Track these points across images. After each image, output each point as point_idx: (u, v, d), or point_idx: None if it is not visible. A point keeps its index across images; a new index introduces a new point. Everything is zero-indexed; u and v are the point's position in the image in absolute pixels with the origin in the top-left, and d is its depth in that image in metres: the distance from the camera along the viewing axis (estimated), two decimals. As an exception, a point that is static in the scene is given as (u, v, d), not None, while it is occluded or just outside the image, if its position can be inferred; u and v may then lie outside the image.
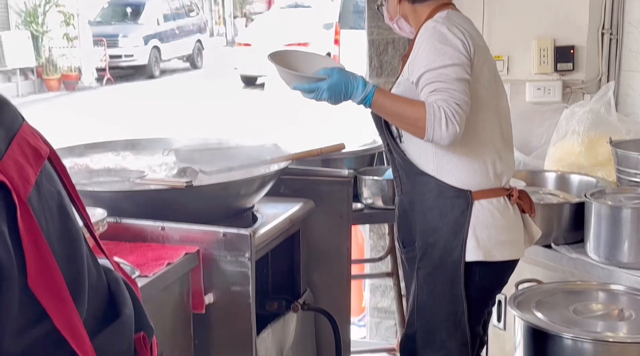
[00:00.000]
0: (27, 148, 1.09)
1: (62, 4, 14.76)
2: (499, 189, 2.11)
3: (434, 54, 1.97)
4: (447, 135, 1.91)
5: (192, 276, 1.93)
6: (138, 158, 2.48)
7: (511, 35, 3.21)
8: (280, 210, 2.33)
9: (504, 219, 2.10)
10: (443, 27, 2.00)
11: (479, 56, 2.02)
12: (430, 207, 2.10)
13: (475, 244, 2.07)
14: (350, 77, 2.02)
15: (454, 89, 1.92)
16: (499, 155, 2.10)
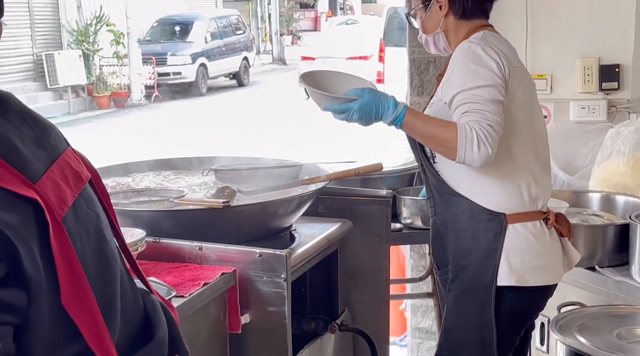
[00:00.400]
0: (68, 171, 1.12)
1: (112, 22, 15.10)
2: (534, 213, 2.07)
3: (468, 74, 1.94)
4: (479, 157, 1.87)
5: (229, 296, 1.94)
6: (179, 177, 2.51)
7: (555, 54, 3.18)
8: (318, 230, 2.34)
9: (539, 244, 2.06)
10: (478, 47, 1.98)
11: (513, 77, 2.00)
12: (463, 229, 2.07)
13: (508, 269, 2.03)
14: (381, 98, 1.99)
15: (486, 110, 1.89)
16: (534, 177, 2.06)
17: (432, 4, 2.11)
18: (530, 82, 2.10)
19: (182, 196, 2.21)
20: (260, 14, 25.88)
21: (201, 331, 1.89)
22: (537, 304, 2.16)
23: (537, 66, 3.18)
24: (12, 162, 1.00)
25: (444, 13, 2.10)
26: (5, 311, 0.95)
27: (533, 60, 3.17)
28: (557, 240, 2.13)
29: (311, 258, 2.22)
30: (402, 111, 1.97)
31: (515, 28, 3.16)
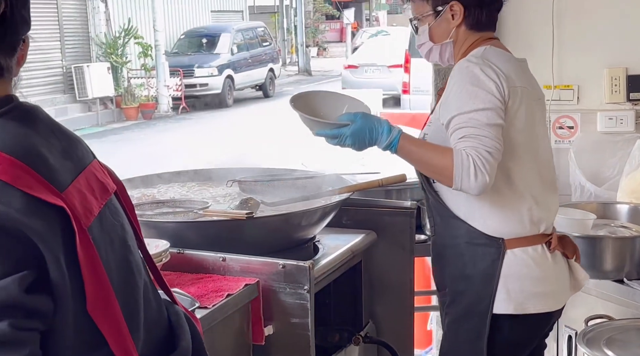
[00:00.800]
0: (94, 182, 1.15)
1: (140, 35, 15.27)
2: (535, 236, 1.98)
3: (465, 96, 1.86)
4: (476, 186, 1.79)
5: (252, 308, 1.94)
6: (203, 189, 2.53)
7: (582, 64, 3.15)
8: (342, 242, 2.33)
9: (540, 269, 1.97)
10: (476, 67, 1.88)
11: (514, 98, 1.90)
12: (461, 253, 1.99)
13: (506, 296, 1.94)
14: (375, 122, 1.92)
15: (484, 135, 1.80)
16: (537, 200, 1.97)
17: (445, 12, 2.00)
18: (534, 100, 2.00)
19: (206, 207, 2.22)
20: (286, 26, 26.03)
21: (225, 342, 1.89)
22: (536, 331, 2.06)
23: (563, 77, 3.16)
24: (39, 170, 1.02)
25: (456, 23, 2.01)
26: (33, 317, 0.97)
27: (560, 70, 3.14)
28: (562, 263, 2.05)
29: (335, 270, 2.21)
30: (396, 136, 1.90)
31: (541, 38, 3.14)
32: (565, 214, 2.63)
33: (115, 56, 14.92)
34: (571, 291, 2.10)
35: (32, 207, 0.98)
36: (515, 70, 1.95)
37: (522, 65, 2.03)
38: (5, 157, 1.00)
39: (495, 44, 2.02)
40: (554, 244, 2.00)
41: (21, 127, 1.07)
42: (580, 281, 2.12)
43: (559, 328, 2.80)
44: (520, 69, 1.99)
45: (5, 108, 1.08)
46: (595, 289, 2.60)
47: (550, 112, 3.17)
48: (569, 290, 2.08)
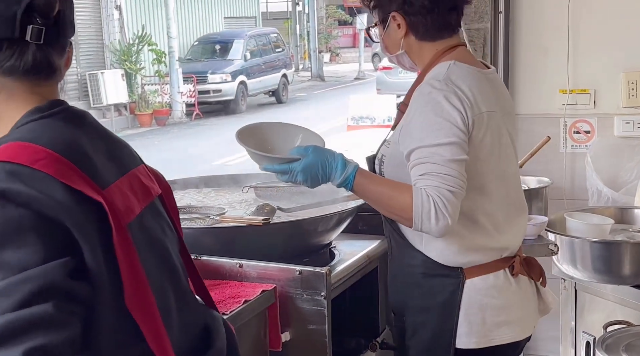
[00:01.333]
0: (137, 185, 1.20)
1: (154, 42, 15.35)
2: (496, 262, 1.85)
3: (428, 127, 1.71)
4: (437, 229, 1.65)
5: (269, 314, 1.94)
6: (220, 195, 2.53)
7: (597, 68, 3.13)
8: (358, 247, 2.33)
9: (503, 297, 1.84)
10: (439, 95, 1.72)
11: (479, 128, 1.75)
12: (418, 283, 1.87)
13: (468, 329, 1.82)
14: (328, 156, 1.78)
15: (447, 174, 1.66)
16: (500, 228, 1.85)
17: (390, 22, 1.87)
18: (501, 120, 1.83)
19: (223, 213, 2.22)
20: (299, 32, 26.09)
21: (242, 349, 1.87)
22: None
23: (579, 81, 3.15)
24: (83, 168, 1.07)
25: (402, 33, 1.86)
26: (75, 301, 1.00)
27: (575, 74, 3.13)
28: (527, 287, 1.92)
29: (351, 276, 2.20)
30: (351, 172, 1.76)
31: (556, 43, 3.13)
32: (582, 219, 2.61)
33: (129, 63, 15.00)
34: (539, 315, 1.98)
35: (72, 199, 1.02)
36: (481, 91, 1.79)
37: (488, 79, 1.85)
38: (51, 152, 1.04)
39: (460, 55, 1.85)
40: (517, 269, 1.87)
41: (68, 128, 1.12)
42: (548, 305, 1.99)
43: (576, 334, 2.78)
44: (487, 85, 1.83)
45: (55, 110, 1.13)
46: (614, 294, 2.58)
47: (566, 117, 3.16)
48: (536, 313, 1.96)
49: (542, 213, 2.79)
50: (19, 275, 0.95)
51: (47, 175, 1.02)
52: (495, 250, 1.85)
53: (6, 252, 0.96)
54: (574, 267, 2.56)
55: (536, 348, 3.32)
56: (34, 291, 0.95)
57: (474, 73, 1.81)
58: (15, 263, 0.96)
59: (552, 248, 2.52)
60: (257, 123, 2.02)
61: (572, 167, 3.18)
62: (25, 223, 0.98)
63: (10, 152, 1.03)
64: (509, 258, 1.88)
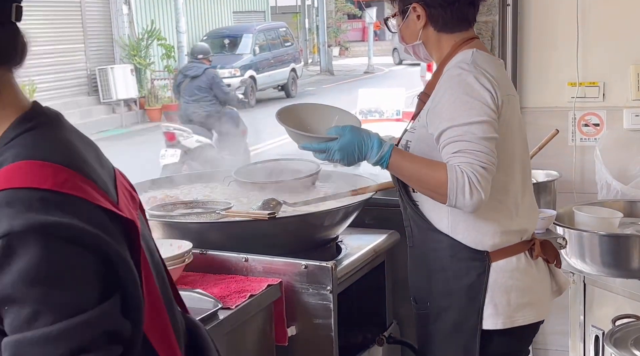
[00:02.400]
0: (125, 191, 1.09)
1: (163, 37, 15.35)
2: (517, 245, 1.91)
3: (460, 107, 1.76)
4: (471, 204, 1.71)
5: (275, 308, 1.94)
6: (225, 189, 2.53)
7: (607, 60, 3.11)
8: (365, 242, 2.32)
9: (526, 279, 1.90)
10: (469, 76, 1.79)
11: (506, 107, 1.83)
12: (443, 267, 1.91)
13: (494, 311, 1.87)
14: (365, 136, 1.83)
15: (480, 151, 1.71)
16: (519, 210, 1.91)
17: (410, 13, 1.94)
18: (518, 108, 1.95)
19: (229, 208, 2.22)
20: (308, 26, 26.04)
21: (248, 343, 1.89)
22: (525, 342, 2.01)
23: (588, 73, 3.12)
24: (97, 182, 0.97)
25: (422, 24, 1.93)
26: (120, 342, 0.93)
27: (584, 67, 3.11)
28: (544, 269, 1.99)
29: (358, 270, 2.20)
30: (387, 151, 1.81)
31: (565, 35, 3.11)
32: (591, 212, 2.60)
33: (138, 58, 15.01)
34: (553, 297, 2.04)
35: (106, 223, 0.94)
36: (503, 77, 1.90)
37: (503, 67, 1.98)
38: (70, 171, 0.94)
39: (479, 46, 1.93)
40: (537, 251, 1.93)
41: (60, 135, 1.01)
42: (561, 286, 2.05)
43: (585, 328, 2.76)
44: (504, 72, 1.95)
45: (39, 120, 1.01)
46: (623, 288, 2.57)
47: (575, 110, 3.14)
48: (551, 295, 2.02)
49: (551, 206, 2.77)
50: (75, 319, 0.87)
51: (79, 199, 0.92)
52: (515, 233, 1.91)
53: (56, 292, 0.87)
54: (583, 261, 2.55)
55: (545, 342, 3.30)
56: (95, 337, 0.88)
57: (495, 61, 1.93)
58: (68, 304, 0.88)
59: (561, 241, 2.51)
60: (294, 105, 2.09)
61: (581, 160, 3.16)
62: (74, 260, 0.89)
63: (32, 175, 0.91)
64: (527, 241, 1.94)
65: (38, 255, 0.87)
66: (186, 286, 1.91)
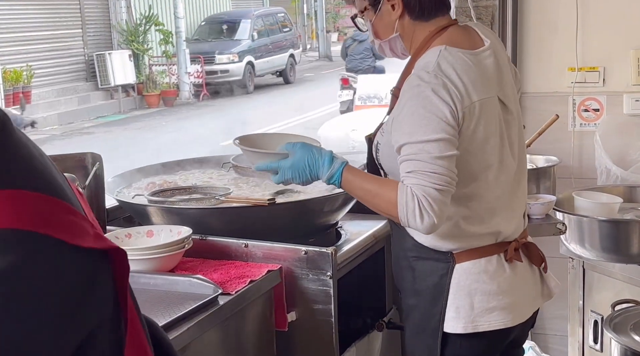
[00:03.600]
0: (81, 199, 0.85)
1: (161, 22, 15.30)
2: (490, 247, 1.81)
3: (416, 122, 1.67)
4: (423, 227, 1.64)
5: (275, 294, 1.94)
6: (223, 175, 2.52)
7: (607, 45, 3.10)
8: (365, 227, 2.32)
9: (494, 283, 1.80)
10: (427, 89, 1.67)
11: (469, 119, 1.71)
12: (410, 266, 1.86)
13: (455, 314, 1.79)
14: (316, 153, 1.78)
15: (433, 171, 1.63)
16: (494, 213, 1.81)
17: (383, 3, 1.82)
18: (495, 108, 1.77)
19: (228, 193, 2.21)
20: (307, 11, 25.94)
21: (248, 328, 1.89)
22: (492, 348, 1.88)
23: (588, 58, 3.11)
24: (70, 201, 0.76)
25: (398, 14, 1.81)
26: None
27: (584, 52, 3.10)
28: (526, 273, 1.88)
29: (358, 256, 2.20)
30: (338, 169, 1.75)
31: (564, 19, 3.09)
32: (590, 198, 2.60)
33: (136, 43, 14.97)
34: (542, 300, 1.95)
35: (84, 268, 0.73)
36: (472, 78, 1.73)
37: (481, 60, 1.78)
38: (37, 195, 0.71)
39: (452, 36, 1.79)
40: (510, 254, 1.82)
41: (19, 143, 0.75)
42: (552, 290, 1.96)
43: (584, 313, 2.77)
44: (479, 70, 1.76)
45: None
46: (622, 273, 2.57)
47: (574, 95, 3.13)
48: (538, 298, 1.93)
49: (550, 192, 2.77)
50: None
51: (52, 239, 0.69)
52: (488, 235, 1.81)
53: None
54: (582, 246, 2.55)
55: (544, 327, 3.32)
56: None
57: (465, 58, 1.75)
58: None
59: (560, 227, 2.51)
60: (256, 134, 2.11)
61: (580, 146, 3.15)
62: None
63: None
64: (504, 243, 1.84)
65: None
66: (186, 272, 1.91)
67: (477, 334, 1.81)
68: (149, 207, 2.15)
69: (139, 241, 1.99)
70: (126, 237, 2.00)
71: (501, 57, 1.87)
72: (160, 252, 1.88)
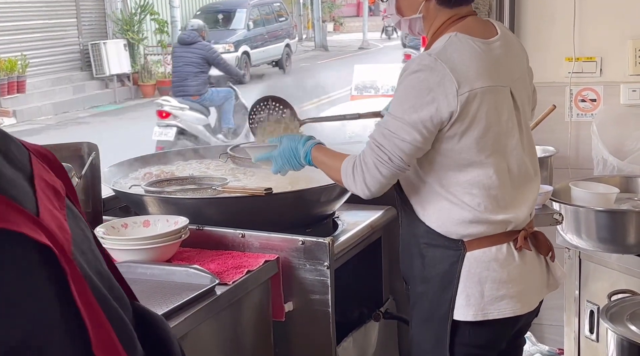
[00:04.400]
0: (48, 189, 0.84)
1: (156, 11, 15.23)
2: (500, 235, 1.82)
3: (397, 98, 1.75)
4: (356, 191, 1.79)
5: (272, 284, 1.94)
6: (219, 165, 2.51)
7: (604, 35, 3.09)
8: (362, 218, 2.32)
9: (505, 271, 1.81)
10: (423, 71, 1.71)
11: (471, 103, 1.72)
12: (420, 253, 1.87)
13: (465, 302, 1.81)
14: (296, 139, 1.93)
15: (383, 146, 1.72)
16: (500, 202, 1.82)
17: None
18: (501, 96, 1.79)
19: (225, 183, 2.21)
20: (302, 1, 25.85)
21: (245, 318, 1.89)
22: (502, 335, 1.90)
23: (585, 48, 3.10)
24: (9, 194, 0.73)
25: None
26: None
27: (581, 42, 3.09)
28: (533, 262, 1.89)
29: (355, 246, 2.20)
30: (309, 147, 1.89)
31: (562, 9, 3.08)
32: (587, 188, 2.59)
33: (131, 33, 14.89)
34: (547, 290, 1.96)
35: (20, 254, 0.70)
36: (480, 65, 1.75)
37: (492, 49, 1.80)
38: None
39: (467, 25, 1.82)
40: (520, 243, 1.84)
41: None
42: (557, 280, 1.98)
43: (580, 303, 2.78)
44: (488, 58, 1.78)
45: None
46: (618, 264, 2.57)
47: (571, 85, 3.12)
48: (544, 288, 1.94)
49: (547, 182, 2.77)
50: None
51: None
52: (498, 224, 1.82)
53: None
54: (579, 236, 2.55)
55: (540, 317, 3.30)
56: None
57: (474, 45, 1.77)
58: None
59: (557, 217, 2.51)
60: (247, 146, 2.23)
61: (577, 136, 3.15)
62: None
63: None
64: (514, 232, 1.85)
65: None
66: (183, 262, 1.90)
67: (486, 322, 1.82)
68: (145, 196, 2.14)
69: (135, 231, 1.99)
70: (122, 226, 2.00)
71: (515, 52, 1.90)
72: (157, 242, 1.87)
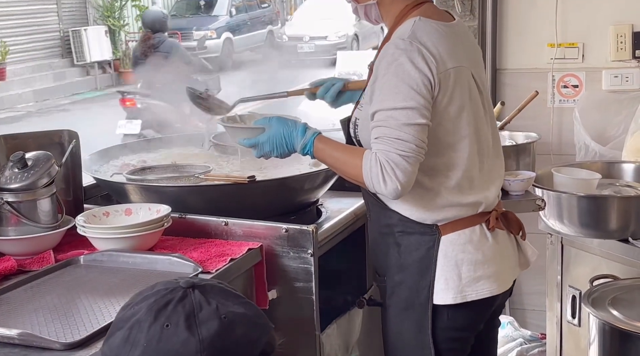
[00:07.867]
0: None
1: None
2: (472, 217, 1.84)
3: (387, 90, 1.71)
4: (388, 192, 1.69)
5: (256, 272, 1.93)
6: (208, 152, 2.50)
7: (586, 21, 3.10)
8: (345, 205, 2.32)
9: (480, 252, 1.84)
10: (402, 55, 1.71)
11: (445, 86, 1.74)
12: (395, 242, 1.88)
13: (444, 285, 1.82)
14: (290, 124, 1.84)
15: (398, 138, 1.67)
16: (473, 184, 1.84)
17: None
18: (468, 76, 1.81)
19: (208, 171, 2.19)
20: (285, -13, 25.71)
21: (228, 307, 1.88)
22: (480, 316, 1.92)
23: (568, 34, 3.11)
24: None
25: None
26: None
27: (563, 27, 3.10)
28: (505, 241, 1.92)
29: (338, 233, 2.20)
30: (310, 138, 1.81)
31: (545, -5, 3.09)
32: (569, 174, 2.61)
33: (112, 19, 14.77)
34: (520, 269, 1.99)
35: None
36: (447, 46, 1.76)
37: (454, 32, 1.83)
38: None
39: (427, 10, 1.83)
40: (492, 223, 1.86)
41: None
42: (528, 259, 2.00)
43: (562, 288, 2.80)
44: (452, 39, 1.80)
45: None
46: (600, 249, 2.59)
47: (554, 71, 3.13)
48: (516, 267, 1.97)
49: (530, 168, 2.78)
50: None
51: None
52: (470, 206, 1.85)
53: None
54: (561, 222, 2.57)
55: (522, 302, 3.35)
56: None
57: (439, 28, 1.79)
58: None
59: (540, 203, 2.52)
60: (241, 114, 2.13)
61: (559, 122, 3.17)
62: None
63: None
64: (485, 213, 1.88)
65: None
66: (165, 250, 1.89)
67: (465, 304, 1.84)
68: (127, 185, 2.13)
69: (117, 219, 1.97)
70: (104, 215, 1.98)
71: (471, 38, 1.93)
72: (139, 230, 1.86)
